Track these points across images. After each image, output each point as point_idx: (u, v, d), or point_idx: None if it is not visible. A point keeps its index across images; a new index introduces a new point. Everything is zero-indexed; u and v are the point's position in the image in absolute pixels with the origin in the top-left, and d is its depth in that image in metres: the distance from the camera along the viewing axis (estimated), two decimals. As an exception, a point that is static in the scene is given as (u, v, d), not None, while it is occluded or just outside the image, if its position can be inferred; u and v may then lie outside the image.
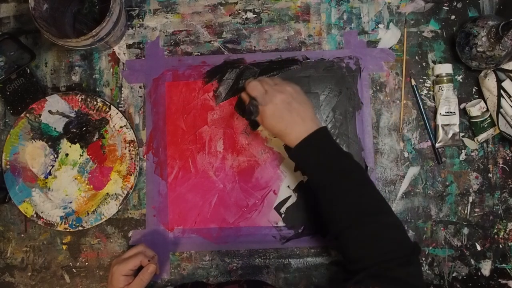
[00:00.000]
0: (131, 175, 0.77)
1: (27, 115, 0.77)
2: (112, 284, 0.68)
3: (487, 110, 0.78)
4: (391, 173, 0.79)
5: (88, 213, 0.77)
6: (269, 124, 0.65)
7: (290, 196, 0.79)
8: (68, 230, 0.77)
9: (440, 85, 0.78)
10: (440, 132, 0.78)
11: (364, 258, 0.59)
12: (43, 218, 0.76)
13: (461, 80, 0.81)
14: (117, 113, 0.77)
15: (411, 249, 0.60)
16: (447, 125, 0.78)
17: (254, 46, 0.81)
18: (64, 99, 0.78)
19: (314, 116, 0.66)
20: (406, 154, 0.80)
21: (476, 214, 0.79)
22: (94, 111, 0.78)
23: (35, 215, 0.76)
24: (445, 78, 0.78)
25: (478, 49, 0.73)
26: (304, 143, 0.63)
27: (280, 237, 0.78)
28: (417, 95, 0.80)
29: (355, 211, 0.61)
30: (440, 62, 0.81)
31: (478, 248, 0.78)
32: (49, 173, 0.78)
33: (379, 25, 0.81)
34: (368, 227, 0.60)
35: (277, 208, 0.78)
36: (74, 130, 0.78)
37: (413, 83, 0.80)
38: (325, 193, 0.63)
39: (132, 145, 0.77)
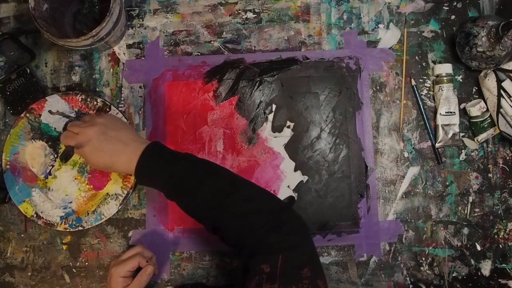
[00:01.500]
0: (131, 175, 0.77)
1: (27, 115, 0.77)
2: (111, 286, 0.68)
3: (487, 110, 0.78)
4: (391, 173, 0.79)
5: (88, 213, 0.77)
6: (94, 161, 0.64)
7: (290, 196, 0.79)
8: (68, 230, 0.77)
9: (440, 85, 0.78)
10: (440, 132, 0.78)
11: (240, 241, 0.58)
12: (43, 218, 0.76)
13: (461, 80, 0.81)
14: (117, 113, 0.77)
15: (278, 209, 0.59)
16: (447, 125, 0.78)
17: (254, 46, 0.81)
18: (64, 99, 0.78)
19: (136, 136, 0.66)
20: (406, 154, 0.80)
21: (476, 214, 0.79)
22: (94, 111, 0.78)
23: (35, 215, 0.76)
24: (445, 78, 0.78)
25: (478, 49, 0.73)
26: (140, 165, 0.62)
27: None
28: (417, 95, 0.80)
29: (211, 202, 0.59)
30: (440, 62, 0.81)
31: (478, 248, 0.78)
32: (49, 173, 0.78)
33: (379, 25, 0.81)
34: (226, 211, 0.58)
35: (277, 208, 0.78)
36: (74, 130, 0.78)
37: (413, 83, 0.80)
38: (182, 199, 0.62)
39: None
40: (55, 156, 0.78)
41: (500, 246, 0.78)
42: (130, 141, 0.64)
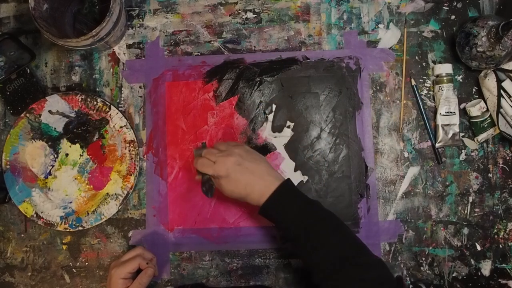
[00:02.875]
0: (131, 175, 0.77)
1: (27, 115, 0.77)
2: (111, 287, 0.68)
3: (487, 110, 0.78)
4: (391, 173, 0.79)
5: (88, 213, 0.77)
6: (228, 191, 0.65)
7: (290, 196, 0.79)
8: (68, 230, 0.77)
9: (440, 85, 0.78)
10: (440, 132, 0.78)
11: None
12: (43, 218, 0.76)
13: (461, 80, 0.81)
14: (117, 113, 0.77)
15: (395, 283, 0.59)
16: (447, 125, 0.78)
17: (254, 46, 0.81)
18: (64, 99, 0.78)
19: (271, 169, 0.66)
20: (406, 154, 0.80)
21: (476, 214, 0.79)
22: (94, 111, 0.78)
23: (35, 215, 0.76)
24: (445, 78, 0.78)
25: (478, 49, 0.73)
26: (271, 200, 0.63)
27: (280, 237, 0.78)
28: (417, 95, 0.80)
29: (333, 258, 0.60)
30: (440, 62, 0.81)
31: (478, 248, 0.78)
32: (49, 173, 0.78)
33: (379, 25, 0.81)
34: (348, 271, 0.58)
35: (277, 208, 0.78)
36: (74, 130, 0.78)
37: (413, 83, 0.80)
38: (301, 245, 0.62)
39: (132, 145, 0.77)
40: (55, 156, 0.78)
41: (500, 246, 0.78)
42: (265, 174, 0.65)
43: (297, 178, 0.79)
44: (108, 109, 0.78)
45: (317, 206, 0.64)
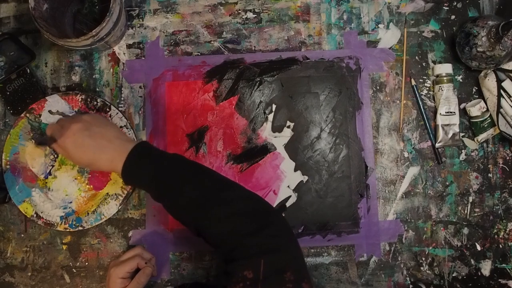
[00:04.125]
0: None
1: (27, 115, 0.77)
2: (109, 287, 0.68)
3: (487, 110, 0.78)
4: (391, 173, 0.79)
5: (88, 213, 0.77)
6: (77, 157, 0.63)
7: (290, 196, 0.79)
8: (68, 230, 0.77)
9: (440, 85, 0.78)
10: (440, 132, 0.78)
11: (221, 244, 0.57)
12: (43, 218, 0.76)
13: (461, 80, 0.81)
14: (117, 113, 0.77)
15: (260, 211, 0.58)
16: (447, 125, 0.78)
17: (254, 46, 0.81)
18: (64, 99, 0.78)
19: (121, 134, 0.65)
20: (406, 154, 0.80)
21: (476, 214, 0.79)
22: (94, 111, 0.78)
23: (35, 215, 0.76)
24: (445, 78, 0.78)
25: (478, 49, 0.73)
26: (127, 164, 0.60)
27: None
28: (417, 95, 0.80)
29: (194, 203, 0.58)
30: (440, 62, 0.81)
31: (478, 248, 0.78)
32: (49, 173, 0.78)
33: (379, 25, 0.81)
34: (208, 213, 0.57)
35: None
36: (74, 130, 0.78)
37: (413, 83, 0.80)
38: (166, 201, 0.61)
39: (132, 145, 0.77)
40: (55, 156, 0.78)
41: (500, 246, 0.78)
42: (115, 138, 0.63)
43: (297, 178, 0.79)
44: (108, 109, 0.78)
45: (174, 158, 0.62)
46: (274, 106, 0.80)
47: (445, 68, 0.78)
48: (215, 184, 0.60)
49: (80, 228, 0.76)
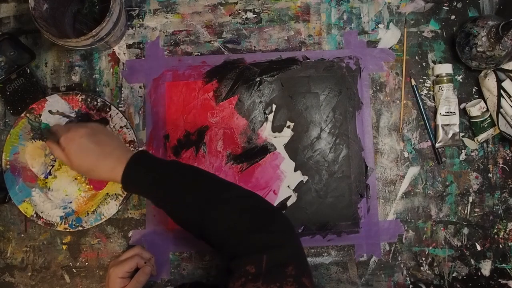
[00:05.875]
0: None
1: (27, 115, 0.77)
2: (109, 286, 0.69)
3: (487, 110, 0.78)
4: (391, 173, 0.79)
5: (88, 213, 0.77)
6: (78, 162, 0.63)
7: (290, 196, 0.79)
8: (68, 230, 0.77)
9: (440, 85, 0.78)
10: (440, 132, 0.78)
11: (224, 242, 0.57)
12: (43, 218, 0.76)
13: (461, 80, 0.81)
14: (117, 113, 0.77)
15: (262, 209, 0.58)
16: (447, 125, 0.78)
17: (254, 46, 0.81)
18: (64, 99, 0.78)
19: (123, 145, 0.67)
20: (406, 154, 0.80)
21: (476, 214, 0.79)
22: (94, 111, 0.78)
23: (35, 215, 0.76)
24: (445, 78, 0.78)
25: (478, 49, 0.73)
26: (127, 172, 0.61)
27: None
28: (417, 95, 0.80)
29: (195, 206, 0.59)
30: (440, 62, 0.81)
31: (478, 248, 0.78)
32: (49, 173, 0.78)
33: (379, 25, 0.81)
34: (211, 213, 0.58)
35: (277, 208, 0.78)
36: (74, 130, 0.78)
37: (413, 83, 0.80)
38: (168, 207, 0.62)
39: (132, 145, 0.77)
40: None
41: (500, 246, 0.78)
42: (117, 147, 0.65)
43: (297, 178, 0.79)
44: (108, 109, 0.78)
45: (172, 164, 0.63)
46: (274, 106, 0.80)
47: (445, 68, 0.78)
48: (214, 186, 0.61)
49: (80, 228, 0.76)
